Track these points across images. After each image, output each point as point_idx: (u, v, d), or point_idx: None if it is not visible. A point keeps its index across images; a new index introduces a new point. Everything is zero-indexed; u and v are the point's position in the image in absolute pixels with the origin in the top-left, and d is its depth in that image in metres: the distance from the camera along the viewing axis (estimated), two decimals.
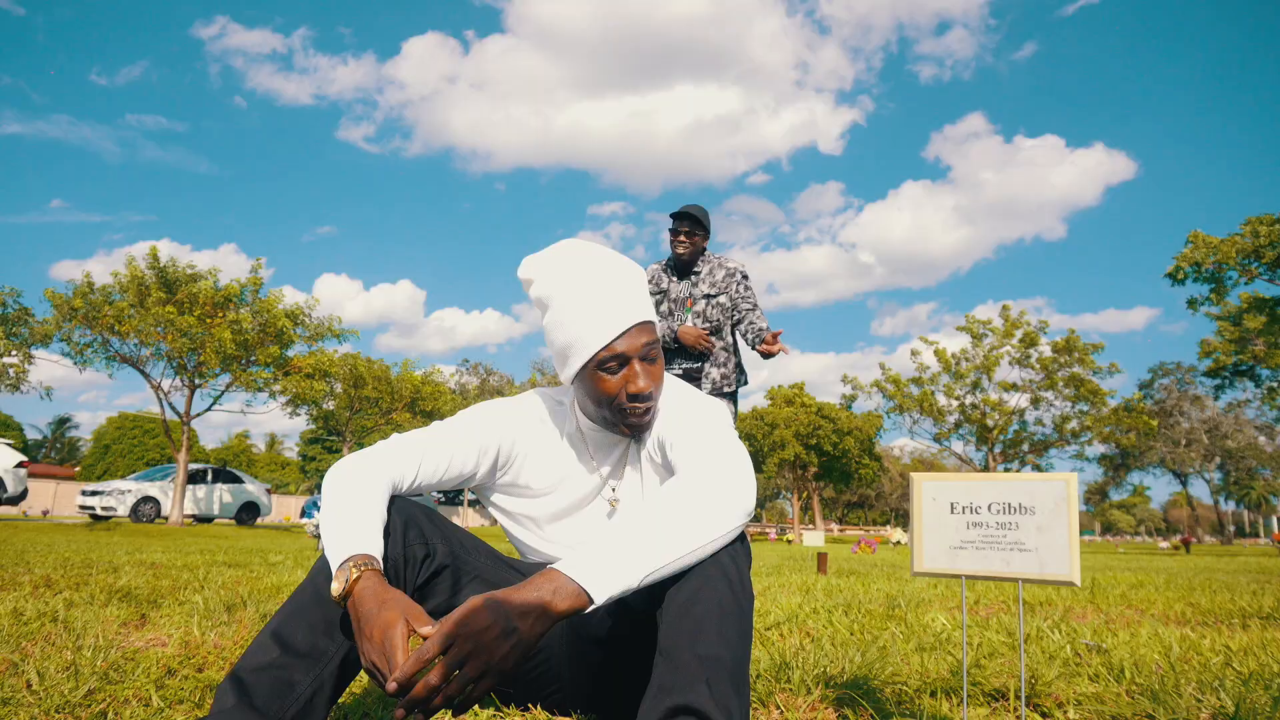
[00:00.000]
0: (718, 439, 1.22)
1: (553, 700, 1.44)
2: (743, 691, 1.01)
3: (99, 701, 1.46)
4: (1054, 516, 1.22)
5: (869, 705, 1.57)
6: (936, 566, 1.30)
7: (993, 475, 1.27)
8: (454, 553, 1.33)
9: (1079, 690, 1.73)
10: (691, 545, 1.06)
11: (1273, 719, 1.44)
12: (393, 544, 1.21)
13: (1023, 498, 1.24)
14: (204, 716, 1.07)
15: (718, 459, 1.17)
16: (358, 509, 1.17)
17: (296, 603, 1.17)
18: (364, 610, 1.02)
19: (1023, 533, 1.24)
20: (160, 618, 2.48)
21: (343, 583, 1.06)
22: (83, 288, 18.20)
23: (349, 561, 1.08)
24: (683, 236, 3.46)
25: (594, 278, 1.29)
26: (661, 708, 0.97)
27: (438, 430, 1.38)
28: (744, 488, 1.15)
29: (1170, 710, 1.53)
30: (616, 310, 1.27)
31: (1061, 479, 1.22)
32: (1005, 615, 2.98)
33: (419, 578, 1.26)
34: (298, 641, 1.13)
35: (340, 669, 1.14)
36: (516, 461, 1.42)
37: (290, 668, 1.11)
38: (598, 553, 1.03)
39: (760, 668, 1.86)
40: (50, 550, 6.42)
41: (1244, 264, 21.57)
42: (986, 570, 1.25)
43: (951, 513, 1.29)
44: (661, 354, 1.39)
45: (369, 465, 1.27)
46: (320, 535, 1.20)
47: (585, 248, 1.35)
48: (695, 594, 1.05)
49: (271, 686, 1.09)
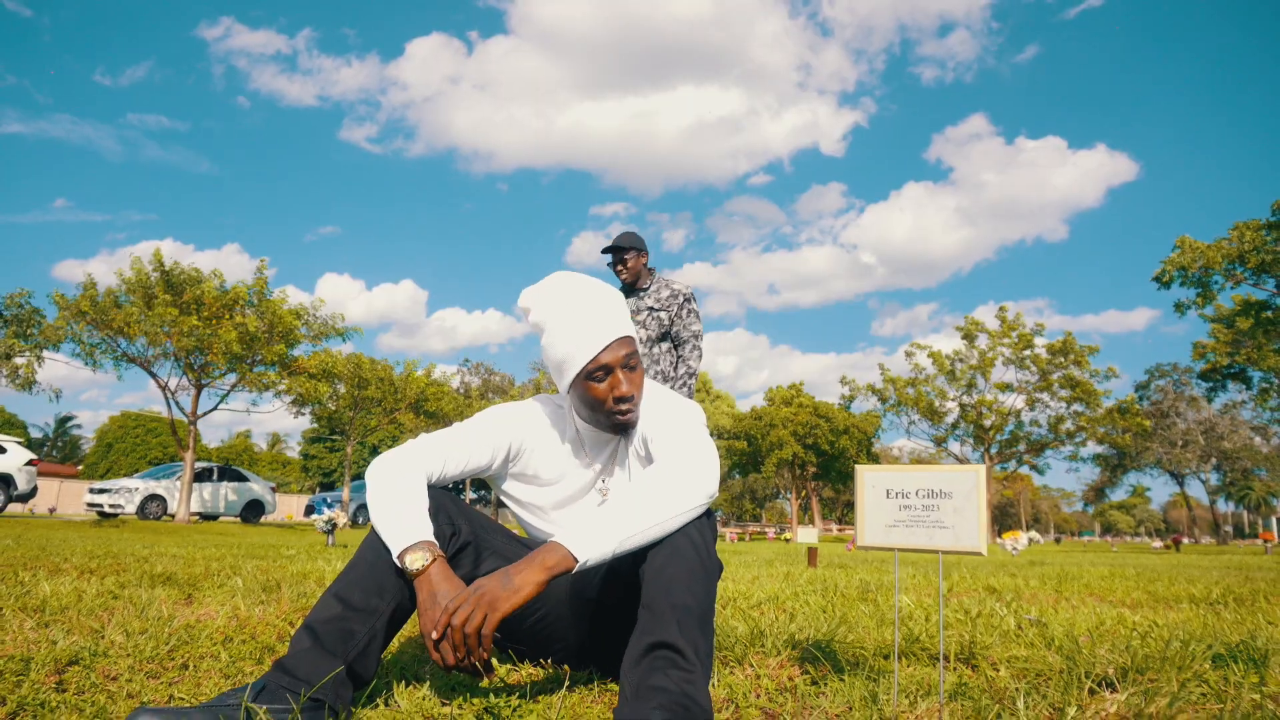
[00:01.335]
0: (688, 434, 1.51)
1: (558, 655, 1.73)
2: (707, 633, 1.30)
3: (179, 657, 1.75)
4: (967, 500, 1.50)
5: (828, 663, 1.85)
6: (875, 541, 1.58)
7: (919, 467, 1.55)
8: (475, 532, 1.62)
9: (1012, 654, 2.01)
10: (660, 519, 1.35)
11: (1160, 668, 1.72)
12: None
13: (943, 485, 1.52)
14: (285, 655, 1.34)
15: (686, 450, 1.46)
16: (410, 498, 1.47)
17: (353, 570, 1.45)
18: (437, 589, 1.33)
19: (942, 513, 1.52)
20: (204, 597, 2.76)
21: (422, 561, 1.36)
22: (89, 290, 18.49)
23: (422, 545, 1.38)
24: (619, 267, 3.80)
25: (579, 302, 1.58)
26: (643, 644, 1.25)
27: (459, 430, 1.67)
28: (707, 474, 1.43)
29: (1080, 665, 1.81)
30: (599, 328, 1.56)
31: (972, 470, 1.50)
32: (967, 597, 3.26)
33: (449, 551, 1.55)
34: (355, 600, 1.41)
35: (389, 622, 1.42)
36: (525, 455, 1.71)
37: (350, 620, 1.39)
38: (584, 524, 1.32)
39: (738, 636, 2.14)
40: (67, 544, 6.69)
41: (1229, 269, 21.95)
42: (914, 544, 1.53)
43: (887, 497, 1.57)
44: (641, 361, 1.68)
45: (409, 461, 1.55)
46: (373, 519, 1.49)
47: (572, 278, 1.65)
48: (669, 559, 1.33)
49: (337, 635, 1.37)
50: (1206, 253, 21.76)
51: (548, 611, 1.68)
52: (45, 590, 2.69)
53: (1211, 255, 21.68)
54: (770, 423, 43.12)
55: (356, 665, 1.36)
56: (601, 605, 1.62)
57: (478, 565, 1.61)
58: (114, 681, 1.53)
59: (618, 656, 1.63)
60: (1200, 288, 22.62)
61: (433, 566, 1.37)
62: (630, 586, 1.47)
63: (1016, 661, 1.93)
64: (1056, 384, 35.77)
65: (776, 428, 42.43)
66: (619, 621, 1.58)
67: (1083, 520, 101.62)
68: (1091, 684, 1.65)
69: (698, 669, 1.24)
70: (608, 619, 1.62)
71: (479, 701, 1.43)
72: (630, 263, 3.79)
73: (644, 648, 1.25)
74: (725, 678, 1.73)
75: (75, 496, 31.97)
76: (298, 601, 2.66)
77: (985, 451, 38.15)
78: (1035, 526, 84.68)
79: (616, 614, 1.58)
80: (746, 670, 1.85)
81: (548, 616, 1.69)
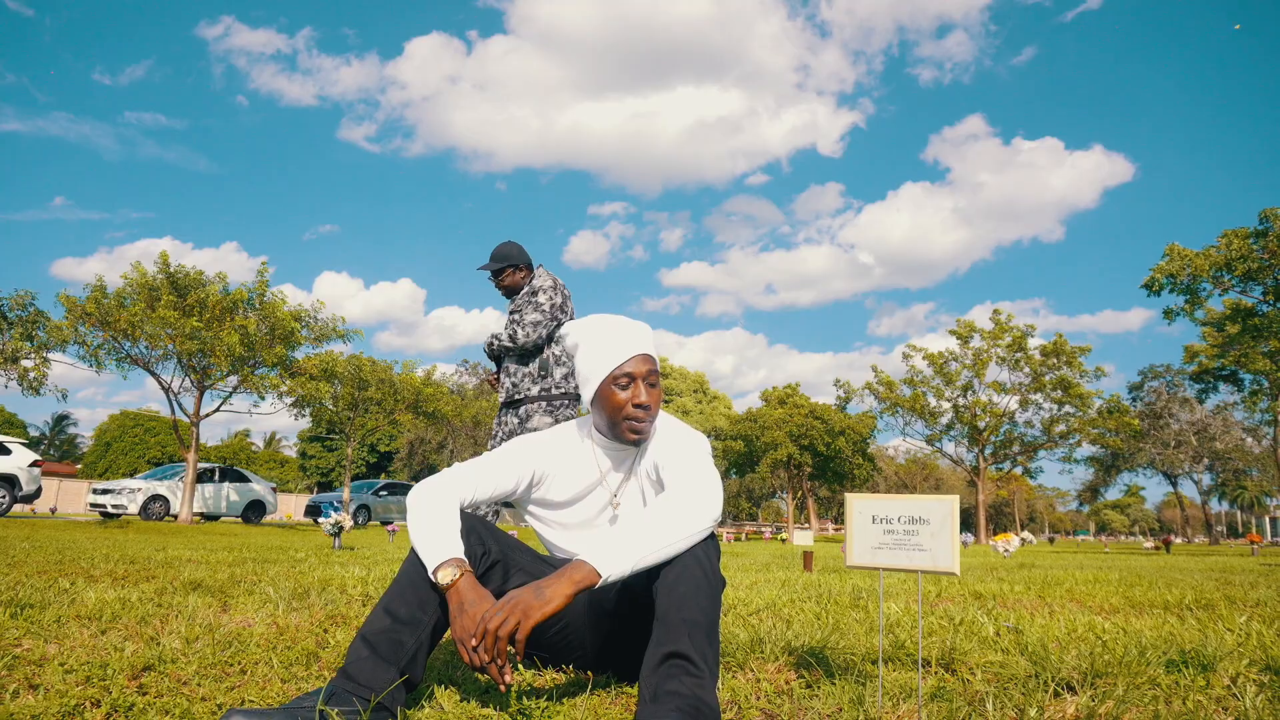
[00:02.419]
0: (695, 465, 1.71)
1: (577, 661, 1.94)
2: (714, 643, 1.50)
3: (235, 663, 1.94)
4: (942, 526, 1.70)
5: (821, 668, 2.05)
6: (862, 561, 1.78)
7: (901, 496, 1.75)
8: (503, 551, 1.82)
9: (988, 659, 2.21)
10: (671, 541, 1.54)
11: (1118, 671, 1.92)
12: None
13: (921, 513, 1.72)
14: (347, 663, 1.54)
15: (693, 480, 1.66)
16: (444, 521, 1.66)
17: (399, 586, 1.64)
18: (465, 599, 1.51)
19: (921, 538, 1.72)
20: (239, 604, 2.96)
21: (451, 576, 1.55)
22: (95, 292, 18.65)
23: (452, 562, 1.57)
24: (496, 283, 4.11)
25: (611, 323, 1.84)
26: (659, 654, 1.45)
27: (487, 460, 1.87)
28: (712, 502, 1.63)
29: (1047, 670, 2.02)
30: (626, 343, 1.80)
31: (948, 500, 1.70)
32: (952, 606, 3.46)
33: (479, 569, 1.75)
34: (402, 614, 1.61)
35: (432, 632, 1.62)
36: (545, 482, 1.91)
37: (399, 631, 1.58)
38: (606, 544, 1.52)
39: (739, 642, 2.34)
40: (82, 547, 6.86)
41: (1216, 275, 22.32)
42: (896, 564, 1.73)
43: (873, 523, 1.77)
44: (660, 382, 1.89)
45: (444, 488, 1.75)
46: (412, 539, 1.69)
47: (605, 315, 1.88)
48: (679, 577, 1.53)
49: (389, 645, 1.57)
50: (1195, 260, 22.17)
51: (569, 622, 1.88)
52: (90, 599, 2.88)
53: (1199, 263, 22.10)
54: (765, 424, 43.34)
55: (408, 671, 1.56)
56: (616, 616, 1.82)
57: (506, 581, 1.81)
58: (185, 686, 1.72)
59: (630, 662, 1.83)
60: (1189, 294, 23.04)
61: (461, 580, 1.56)
62: (641, 600, 1.67)
63: (991, 666, 2.13)
64: (1049, 385, 36.08)
65: (771, 429, 42.65)
66: (631, 631, 1.78)
67: (1078, 520, 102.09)
68: (1055, 687, 1.85)
69: (706, 675, 1.44)
70: (621, 629, 1.82)
71: (514, 705, 1.63)
72: (504, 279, 4.08)
73: (660, 657, 1.45)
74: (729, 682, 1.93)
75: (75, 496, 32.09)
76: (328, 608, 2.85)
77: (980, 452, 38.45)
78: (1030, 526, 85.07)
79: (629, 624, 1.78)
80: (748, 674, 2.04)
81: (569, 626, 1.89)
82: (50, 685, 1.64)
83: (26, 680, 1.69)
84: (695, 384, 62.63)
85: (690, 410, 57.75)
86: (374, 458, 56.74)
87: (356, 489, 26.82)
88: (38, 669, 1.79)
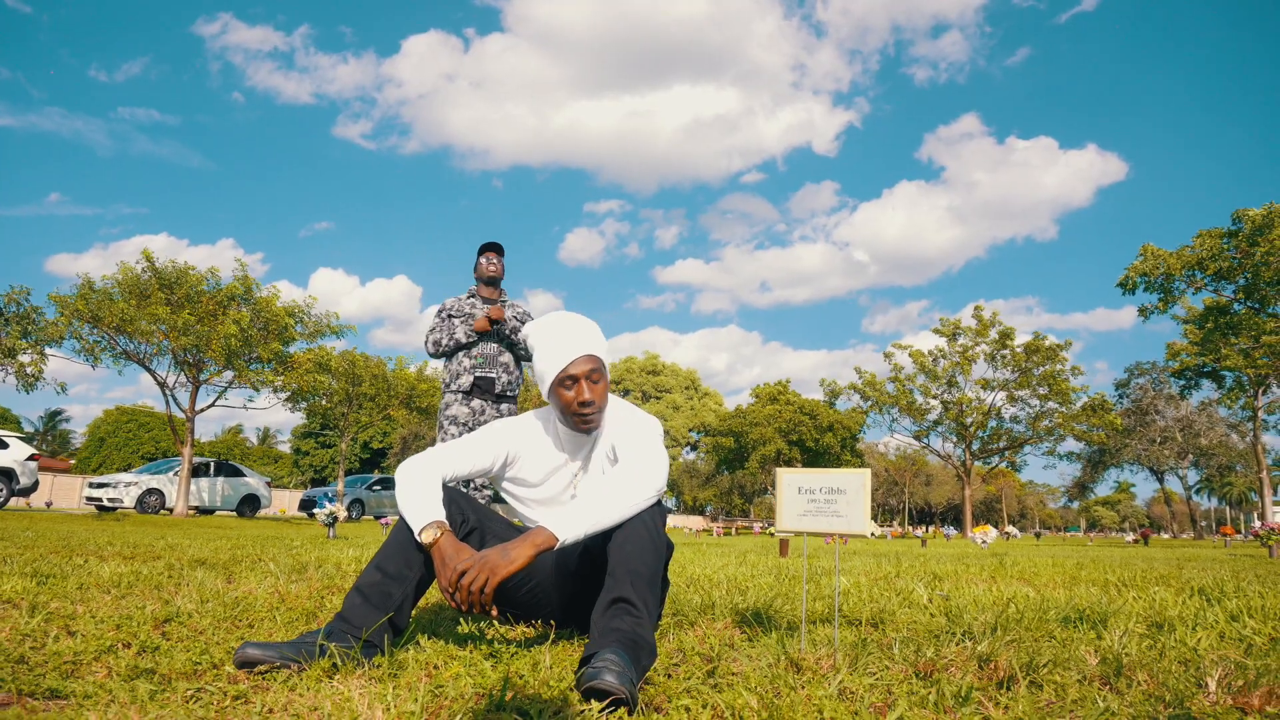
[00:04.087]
0: (643, 443, 1.98)
1: (544, 617, 2.22)
2: (655, 591, 1.77)
3: (243, 619, 2.21)
4: (856, 495, 1.97)
5: (760, 626, 2.33)
6: (789, 526, 2.05)
7: (822, 470, 2.03)
8: (480, 520, 2.09)
9: (913, 619, 2.50)
10: (621, 508, 1.81)
11: (1018, 626, 2.21)
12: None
13: (839, 484, 2.00)
14: (343, 609, 1.81)
15: (640, 456, 1.93)
16: (429, 490, 1.93)
17: (389, 547, 1.91)
18: (445, 554, 1.78)
19: (839, 505, 1.99)
20: (242, 577, 3.22)
21: (433, 535, 1.81)
22: (84, 289, 18.83)
23: (434, 523, 1.84)
24: (494, 266, 4.60)
25: (556, 328, 2.07)
26: (606, 600, 1.72)
27: (467, 440, 2.13)
28: (657, 474, 1.90)
29: (959, 626, 2.30)
30: (569, 346, 2.03)
31: (860, 473, 1.97)
32: (908, 580, 3.75)
33: (459, 534, 2.01)
34: (391, 570, 1.87)
35: (417, 586, 1.89)
36: (518, 461, 2.18)
37: (389, 584, 1.85)
38: (563, 512, 1.78)
39: (693, 605, 2.61)
40: (85, 536, 7.08)
41: (1189, 275, 22.81)
42: (817, 529, 2.01)
43: (798, 493, 2.05)
44: (605, 375, 2.14)
45: (428, 463, 2.02)
46: (400, 506, 1.95)
47: (559, 313, 2.13)
48: (626, 538, 1.80)
49: (379, 595, 1.83)
50: (1168, 260, 22.66)
51: (539, 582, 2.15)
52: (106, 572, 3.14)
53: (1172, 262, 22.57)
54: (754, 420, 43.66)
55: (395, 618, 1.83)
56: (578, 577, 2.09)
57: (482, 545, 2.07)
58: (202, 634, 1.99)
59: (589, 617, 2.11)
60: (1162, 293, 23.53)
61: (442, 538, 1.82)
62: (600, 562, 1.95)
63: (916, 625, 2.42)
64: (1035, 381, 36.51)
65: (760, 425, 42.97)
66: (592, 590, 2.05)
67: (1068, 516, 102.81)
68: (960, 638, 2.13)
69: (645, 616, 1.71)
70: (583, 589, 2.09)
71: (485, 648, 1.90)
72: (501, 269, 4.63)
73: (608, 602, 1.72)
74: (679, 636, 2.20)
75: (69, 490, 32.22)
76: (325, 581, 3.12)
77: (967, 448, 38.87)
78: (1020, 523, 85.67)
79: (590, 584, 2.05)
80: (698, 631, 2.32)
81: (538, 586, 2.16)
82: (85, 632, 1.90)
83: (64, 628, 1.96)
84: (687, 380, 62.97)
85: (680, 406, 58.04)
86: (367, 454, 56.96)
87: (350, 483, 27.03)
88: (71, 621, 2.05)
